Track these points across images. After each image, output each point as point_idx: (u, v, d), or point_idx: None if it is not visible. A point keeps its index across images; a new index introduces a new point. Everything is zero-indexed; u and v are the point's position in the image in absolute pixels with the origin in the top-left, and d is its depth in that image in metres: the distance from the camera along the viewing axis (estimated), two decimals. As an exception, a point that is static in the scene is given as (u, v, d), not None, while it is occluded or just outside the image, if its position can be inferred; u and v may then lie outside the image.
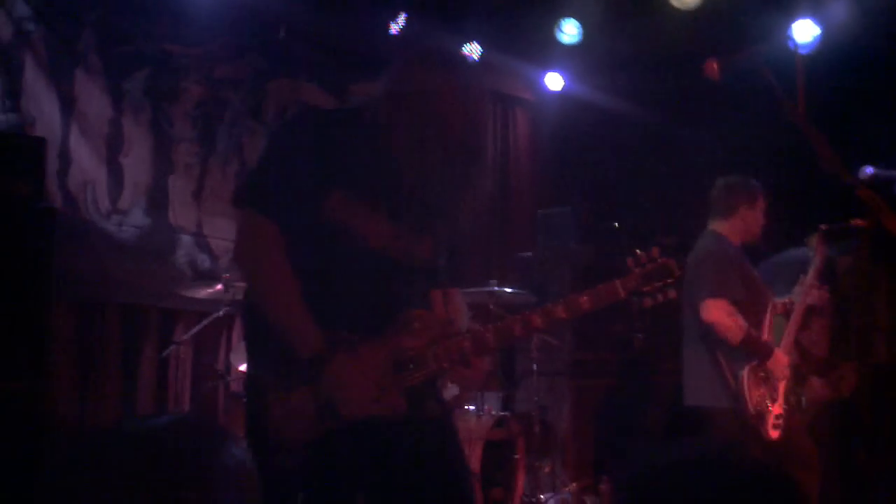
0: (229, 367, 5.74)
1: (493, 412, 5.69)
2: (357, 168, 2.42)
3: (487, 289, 5.66)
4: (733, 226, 4.54)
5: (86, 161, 5.48)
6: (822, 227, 4.53)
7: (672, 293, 2.44)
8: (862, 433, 4.16)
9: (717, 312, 4.23)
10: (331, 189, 2.38)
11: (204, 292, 5.35)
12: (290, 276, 2.37)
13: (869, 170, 3.80)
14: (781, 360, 4.33)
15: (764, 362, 4.29)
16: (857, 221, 3.86)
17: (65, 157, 5.39)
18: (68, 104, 5.42)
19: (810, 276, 4.57)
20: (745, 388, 4.22)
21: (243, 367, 5.01)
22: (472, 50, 6.59)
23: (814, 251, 4.62)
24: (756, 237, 4.61)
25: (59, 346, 5.18)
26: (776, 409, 4.29)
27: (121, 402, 5.52)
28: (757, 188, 4.60)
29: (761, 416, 4.22)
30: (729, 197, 4.58)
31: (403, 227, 2.46)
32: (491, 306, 5.78)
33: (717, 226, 4.58)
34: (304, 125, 2.54)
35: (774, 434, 4.26)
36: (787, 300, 4.59)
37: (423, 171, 2.40)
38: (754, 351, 4.27)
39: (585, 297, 2.42)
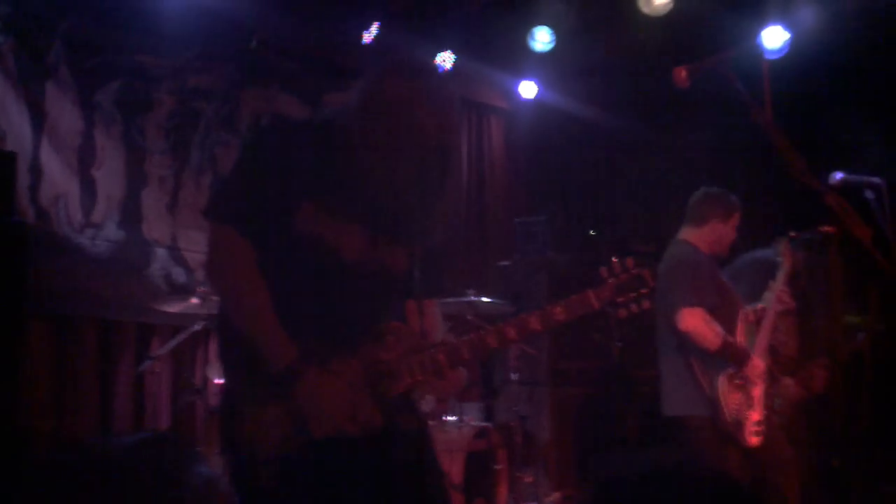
0: (206, 382, 5.71)
1: (474, 423, 5.69)
2: (328, 179, 2.40)
3: (465, 299, 5.66)
4: (703, 236, 4.55)
5: (57, 175, 5.42)
6: (792, 233, 4.55)
7: (646, 304, 2.43)
8: (835, 433, 4.18)
9: (693, 321, 4.23)
10: (302, 201, 2.36)
11: (180, 306, 5.32)
12: (261, 290, 2.35)
13: (838, 175, 3.82)
14: (758, 366, 4.34)
15: (741, 368, 4.29)
16: (826, 228, 3.88)
17: (36, 170, 5.34)
18: (38, 117, 5.36)
19: (780, 282, 4.58)
20: (721, 395, 4.22)
21: (220, 381, 4.98)
22: (446, 58, 6.60)
23: (782, 257, 4.63)
24: (724, 252, 4.62)
25: (34, 362, 5.12)
26: (754, 415, 4.29)
27: (97, 418, 5.47)
28: (734, 204, 4.60)
29: (739, 423, 4.22)
30: (704, 207, 4.59)
31: (377, 238, 2.45)
32: (468, 316, 5.78)
33: (687, 234, 4.59)
34: (274, 136, 2.52)
35: (754, 441, 4.26)
36: (758, 307, 4.60)
37: (396, 181, 2.39)
38: (732, 357, 4.27)
39: (559, 308, 2.41)
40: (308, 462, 2.31)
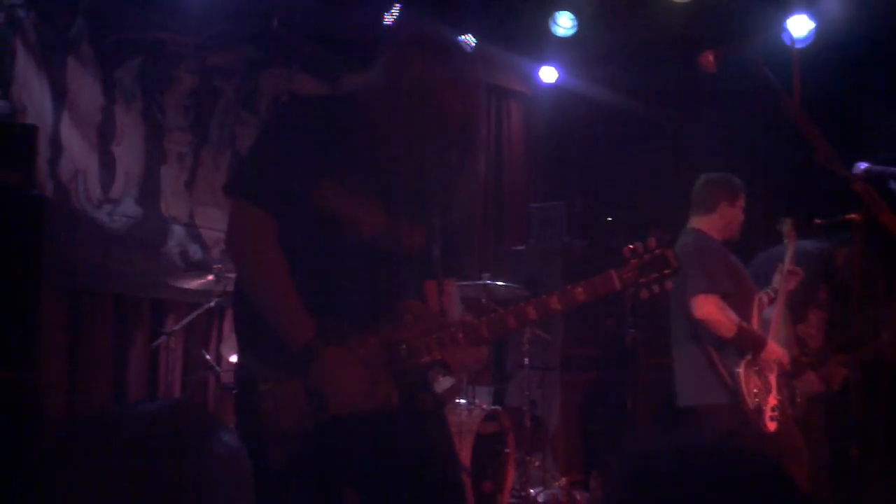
0: (220, 359, 5.73)
1: (484, 406, 5.69)
2: (350, 156, 2.39)
3: (480, 282, 5.65)
4: (713, 222, 4.53)
5: (77, 150, 5.44)
6: (816, 221, 4.53)
7: (668, 284, 2.40)
8: (854, 429, 4.16)
9: (709, 308, 4.22)
10: (323, 177, 2.35)
11: (195, 283, 5.33)
12: (281, 266, 2.34)
13: (862, 165, 3.79)
14: (775, 351, 4.33)
15: (758, 354, 4.28)
16: (852, 216, 3.85)
17: (56, 145, 5.36)
18: (60, 92, 5.38)
19: (787, 263, 4.57)
20: (743, 383, 4.19)
21: (234, 359, 5.00)
22: (467, 42, 6.57)
23: (787, 238, 4.61)
24: (735, 235, 4.60)
25: (50, 336, 5.15)
26: (771, 400, 4.28)
27: (111, 392, 5.50)
28: (738, 186, 4.58)
29: (759, 409, 4.21)
30: (709, 193, 4.57)
31: (397, 216, 2.44)
32: (483, 300, 5.78)
33: (697, 222, 4.57)
34: (297, 113, 2.51)
35: (772, 426, 4.24)
36: (770, 290, 4.59)
37: (419, 159, 2.38)
38: (748, 343, 4.26)
39: (580, 289, 2.38)
40: (325, 440, 2.31)
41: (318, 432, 2.30)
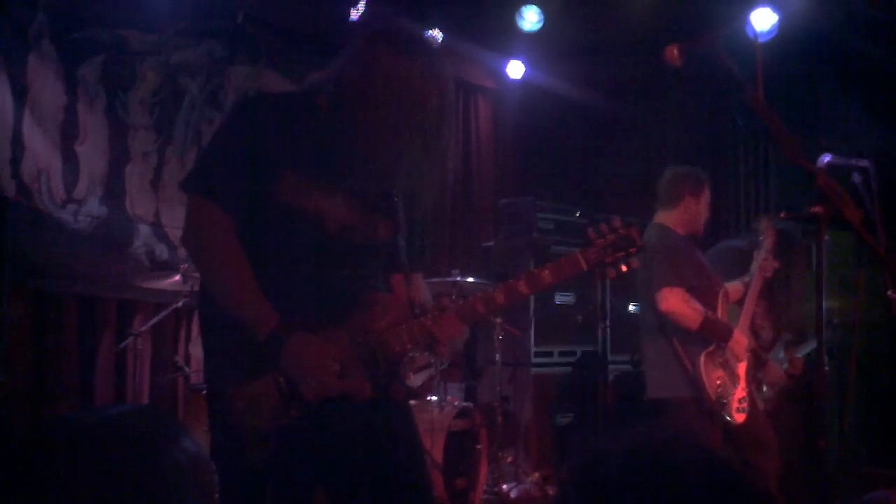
0: (188, 359, 5.68)
1: (456, 403, 5.69)
2: (310, 149, 2.37)
3: (450, 279, 5.65)
4: (677, 216, 4.55)
5: (40, 149, 5.36)
6: (781, 214, 4.56)
7: (634, 263, 2.41)
8: (821, 417, 4.20)
9: (674, 300, 4.25)
10: (283, 171, 2.33)
11: (162, 283, 5.28)
12: (240, 260, 2.32)
13: (826, 157, 3.82)
14: (741, 341, 4.36)
15: (723, 345, 4.31)
16: (815, 209, 3.87)
17: (18, 145, 5.28)
18: (21, 91, 5.30)
19: (764, 253, 4.60)
20: (703, 374, 4.24)
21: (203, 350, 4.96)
22: (434, 37, 6.55)
23: (763, 233, 4.64)
24: (699, 229, 4.63)
25: (14, 337, 5.08)
26: (738, 392, 4.32)
27: (77, 394, 5.44)
28: (703, 179, 4.61)
29: (722, 401, 4.25)
30: (674, 187, 4.59)
31: (362, 209, 2.42)
32: (453, 296, 5.77)
33: (661, 217, 4.60)
34: (254, 108, 2.49)
35: (739, 417, 4.28)
36: (745, 280, 4.62)
37: (384, 152, 2.36)
38: (714, 334, 4.30)
39: (547, 272, 2.39)
40: (300, 435, 2.29)
41: (291, 428, 2.28)
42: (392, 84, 2.32)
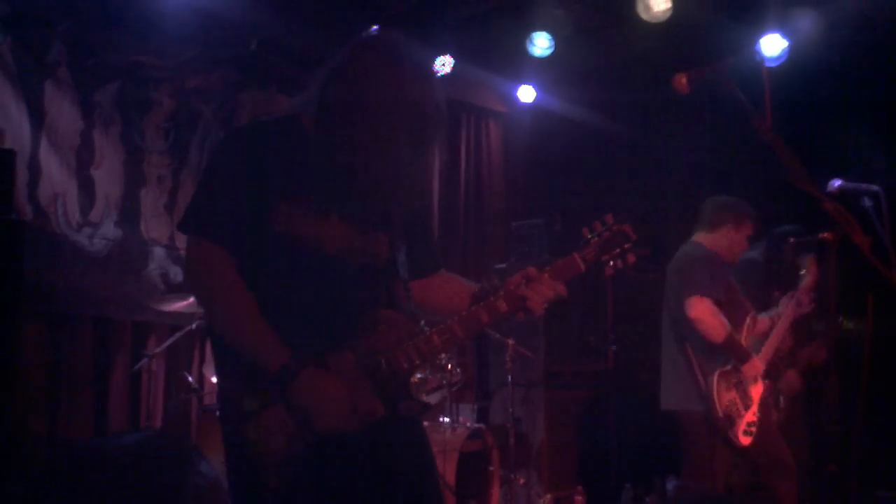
0: (202, 380, 5.71)
1: (468, 424, 5.70)
2: (300, 175, 2.37)
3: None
4: (716, 241, 4.60)
5: (56, 173, 5.43)
6: (791, 239, 4.58)
7: (631, 258, 2.42)
8: (832, 439, 4.20)
9: (703, 309, 4.29)
10: (276, 201, 2.33)
11: (176, 305, 5.32)
12: (244, 297, 2.32)
13: (836, 182, 3.84)
14: (757, 366, 4.37)
15: (739, 366, 4.33)
16: (824, 234, 3.90)
17: (34, 169, 5.35)
18: (38, 116, 5.37)
19: (802, 290, 4.60)
20: (715, 391, 4.25)
21: (216, 380, 4.98)
22: (445, 62, 6.61)
23: (806, 269, 4.64)
24: (734, 259, 4.66)
25: (30, 360, 5.13)
26: (749, 416, 4.32)
27: (92, 416, 5.47)
28: (749, 213, 4.65)
29: (731, 420, 4.25)
30: (718, 213, 4.64)
31: (358, 228, 2.42)
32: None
33: (699, 237, 4.64)
34: (239, 142, 2.48)
35: (745, 441, 4.29)
36: (774, 314, 4.64)
37: (371, 164, 2.36)
38: (734, 353, 4.32)
39: (546, 275, 2.41)
40: (314, 459, 2.30)
41: (307, 453, 2.29)
42: (377, 93, 2.33)
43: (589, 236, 2.43)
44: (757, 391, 4.40)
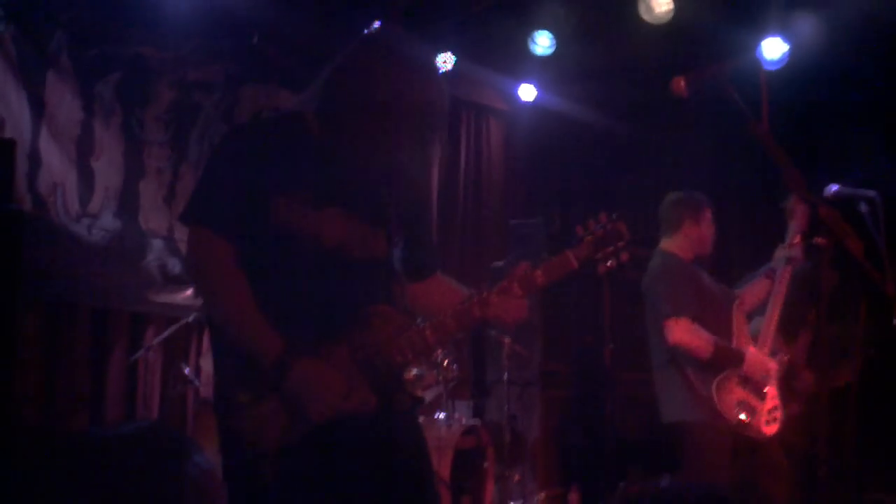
0: (199, 372, 5.72)
1: (464, 421, 5.71)
2: (300, 170, 2.40)
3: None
4: (681, 242, 4.56)
5: (56, 164, 5.44)
6: (786, 244, 4.54)
7: (624, 256, 2.43)
8: (822, 443, 4.20)
9: (680, 332, 4.25)
10: (275, 194, 2.36)
11: (175, 297, 5.34)
12: (242, 287, 2.35)
13: (833, 187, 3.84)
14: (755, 360, 4.31)
15: (737, 369, 4.28)
16: (819, 240, 3.88)
17: (34, 159, 5.35)
18: (38, 106, 5.38)
19: (792, 235, 4.48)
20: (718, 399, 4.20)
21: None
22: (446, 60, 6.62)
23: (791, 213, 4.54)
24: (707, 250, 4.61)
25: (27, 350, 5.14)
26: (768, 403, 4.27)
27: (88, 407, 5.48)
28: (701, 201, 4.59)
29: (747, 421, 4.20)
30: (674, 213, 4.60)
31: (357, 223, 2.44)
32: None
33: (666, 244, 4.61)
34: (241, 136, 2.53)
35: (770, 430, 4.23)
36: (767, 273, 4.56)
37: (372, 160, 2.39)
38: (724, 362, 4.27)
39: (539, 272, 2.42)
40: (310, 451, 2.31)
41: (302, 445, 2.30)
42: (380, 90, 2.34)
43: (582, 234, 2.44)
44: (769, 380, 4.34)
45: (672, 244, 4.57)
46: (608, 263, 2.44)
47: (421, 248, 2.69)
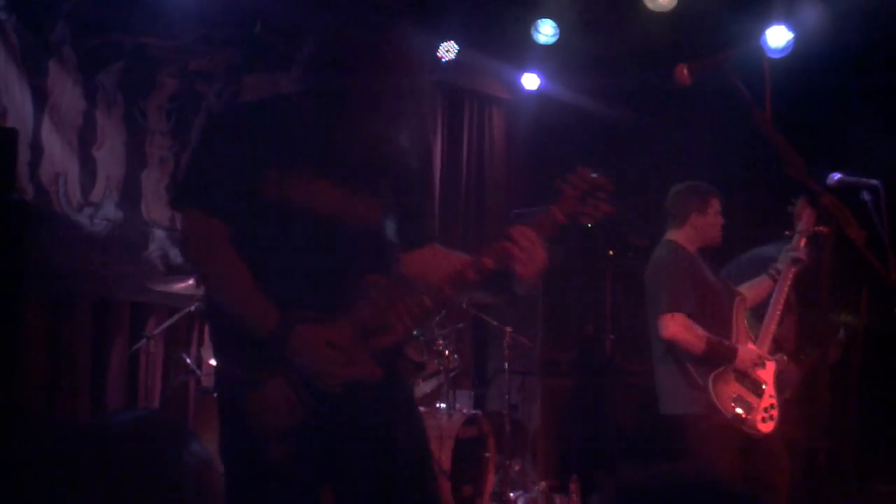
0: (200, 362, 5.72)
1: (465, 410, 5.72)
2: (290, 142, 2.41)
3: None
4: (687, 233, 4.54)
5: (58, 153, 5.43)
6: (787, 232, 4.53)
7: (607, 207, 2.44)
8: (823, 432, 4.20)
9: (675, 328, 4.24)
10: (265, 169, 2.37)
11: (176, 287, 5.33)
12: (237, 263, 2.36)
13: (836, 176, 3.83)
14: (748, 356, 4.30)
15: (731, 365, 4.28)
16: (821, 228, 3.87)
17: (36, 148, 5.35)
18: (40, 95, 5.37)
19: (799, 237, 4.48)
20: (714, 394, 4.20)
21: (214, 362, 5.00)
22: (449, 49, 6.60)
23: (798, 215, 4.51)
24: (715, 241, 4.58)
25: (29, 340, 5.14)
26: (765, 401, 4.27)
27: (90, 396, 5.49)
28: (708, 192, 4.57)
29: (742, 416, 4.20)
30: (679, 205, 4.58)
31: (349, 193, 2.45)
32: (464, 305, 5.81)
33: (672, 234, 4.59)
34: (226, 117, 2.61)
35: (766, 427, 4.22)
36: (771, 274, 4.55)
37: (358, 126, 2.39)
38: (718, 358, 4.26)
39: (529, 229, 2.42)
40: (311, 433, 2.32)
41: (304, 425, 2.30)
42: (361, 53, 2.34)
43: (566, 189, 2.44)
44: (766, 373, 4.33)
45: (678, 235, 4.55)
46: (593, 216, 2.44)
47: (416, 217, 2.68)
